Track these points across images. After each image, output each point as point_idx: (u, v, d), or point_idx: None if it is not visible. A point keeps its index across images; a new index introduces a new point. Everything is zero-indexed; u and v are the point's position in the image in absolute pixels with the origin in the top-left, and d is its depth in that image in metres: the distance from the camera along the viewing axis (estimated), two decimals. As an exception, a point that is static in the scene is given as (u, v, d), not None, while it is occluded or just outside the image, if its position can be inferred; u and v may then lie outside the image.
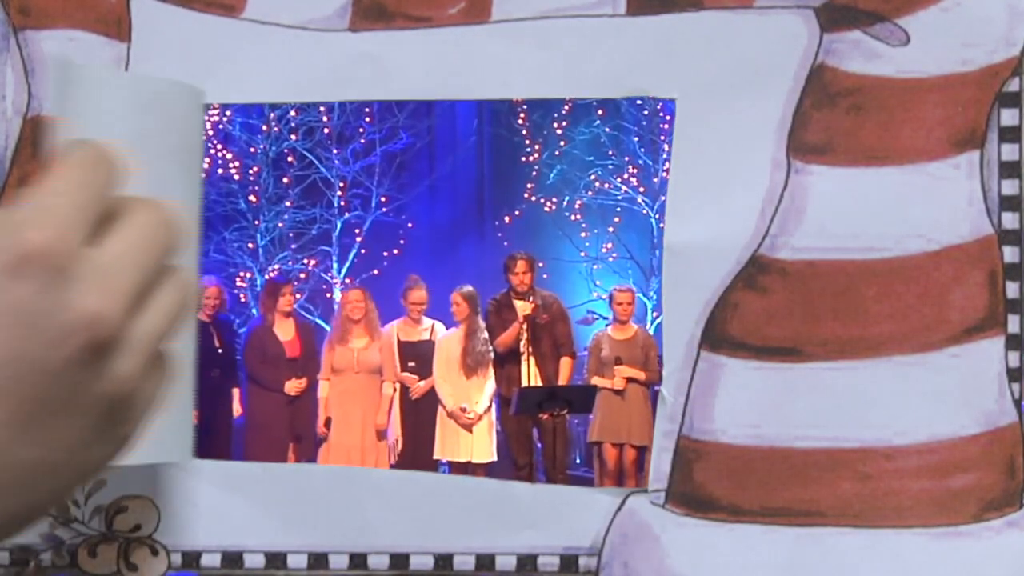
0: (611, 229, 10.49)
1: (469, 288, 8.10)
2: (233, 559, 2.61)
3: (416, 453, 8.00)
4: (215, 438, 7.74)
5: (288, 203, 10.38)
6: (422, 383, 8.01)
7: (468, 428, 7.89)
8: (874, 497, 2.59)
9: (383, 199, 10.39)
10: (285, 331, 7.92)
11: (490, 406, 7.97)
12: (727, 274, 2.61)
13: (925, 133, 2.58)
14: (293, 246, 10.38)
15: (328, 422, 7.76)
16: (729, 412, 2.62)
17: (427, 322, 8.19)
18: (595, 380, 7.94)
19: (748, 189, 2.61)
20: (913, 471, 2.57)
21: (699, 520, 2.62)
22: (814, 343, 2.57)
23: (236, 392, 8.12)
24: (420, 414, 8.03)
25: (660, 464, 2.65)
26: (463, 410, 7.88)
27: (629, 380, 7.88)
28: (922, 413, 2.59)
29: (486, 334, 7.90)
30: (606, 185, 10.38)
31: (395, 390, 8.02)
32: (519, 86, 2.60)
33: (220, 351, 7.87)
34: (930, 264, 2.58)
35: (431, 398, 8.02)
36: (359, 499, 2.63)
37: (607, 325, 8.22)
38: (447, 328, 8.15)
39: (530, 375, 7.61)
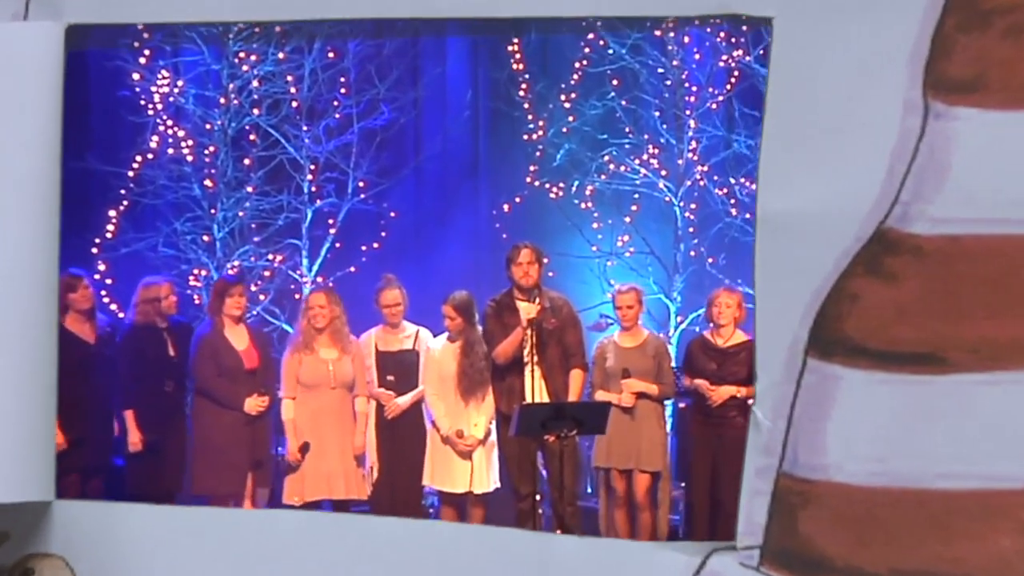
0: (628, 219, 10.34)
1: (463, 294, 7.90)
2: (175, 640, 2.37)
3: (395, 481, 7.86)
4: (165, 461, 7.64)
5: (250, 189, 10.20)
6: (401, 400, 7.85)
7: (466, 456, 7.77)
8: (1043, 556, 2.37)
9: (361, 184, 10.21)
10: (238, 338, 7.76)
11: (490, 430, 7.80)
12: (842, 254, 2.35)
13: (1109, 65, 2.36)
14: (256, 239, 10.21)
15: (305, 448, 7.63)
16: (846, 441, 2.35)
17: (409, 328, 8.03)
18: (599, 395, 7.80)
19: (870, 140, 2.34)
20: (1095, 521, 2.35)
21: (806, 587, 2.42)
22: (960, 348, 2.34)
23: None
24: (399, 435, 7.88)
25: (753, 512, 2.48)
26: (460, 435, 7.74)
27: (639, 395, 7.74)
28: (1108, 443, 2.37)
29: (485, 347, 7.75)
30: (622, 167, 10.23)
31: (371, 407, 7.89)
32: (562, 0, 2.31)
33: (175, 360, 7.73)
34: (1118, 242, 2.36)
35: (412, 416, 7.86)
36: (347, 554, 2.43)
37: (614, 331, 8.06)
38: (434, 335, 7.98)
39: (535, 389, 7.43)
